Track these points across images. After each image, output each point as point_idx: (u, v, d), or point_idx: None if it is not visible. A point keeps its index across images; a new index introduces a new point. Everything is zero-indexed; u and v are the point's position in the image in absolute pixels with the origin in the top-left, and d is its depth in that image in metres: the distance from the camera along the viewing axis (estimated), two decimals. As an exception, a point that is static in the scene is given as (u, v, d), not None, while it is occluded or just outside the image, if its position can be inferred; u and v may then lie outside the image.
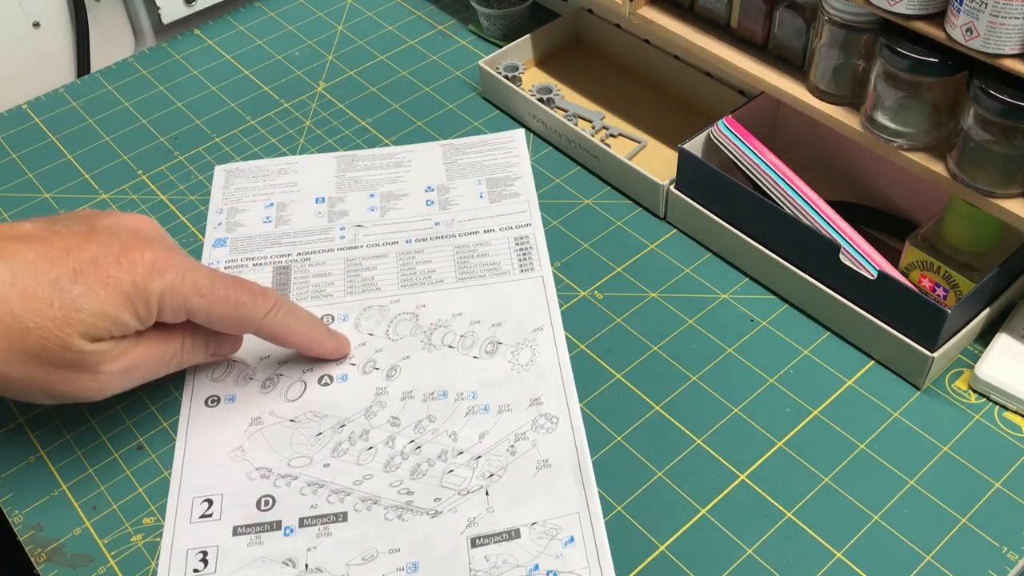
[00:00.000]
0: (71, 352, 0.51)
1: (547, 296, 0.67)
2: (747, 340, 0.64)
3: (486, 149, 0.78)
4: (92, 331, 0.52)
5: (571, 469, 0.57)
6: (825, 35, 0.62)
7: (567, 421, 0.59)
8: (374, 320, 0.66)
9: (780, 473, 0.58)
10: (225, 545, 0.55)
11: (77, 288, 0.51)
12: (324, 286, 0.68)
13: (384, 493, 0.57)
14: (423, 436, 0.59)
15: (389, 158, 0.78)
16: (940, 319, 0.57)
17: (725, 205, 0.67)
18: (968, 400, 0.61)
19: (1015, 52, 0.51)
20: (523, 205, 0.73)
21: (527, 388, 0.61)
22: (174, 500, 0.57)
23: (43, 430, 0.62)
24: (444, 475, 0.57)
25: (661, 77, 0.83)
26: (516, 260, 0.69)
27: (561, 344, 0.64)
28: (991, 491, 0.56)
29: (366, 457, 0.58)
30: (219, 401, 0.62)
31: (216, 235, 0.72)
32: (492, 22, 0.88)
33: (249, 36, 0.92)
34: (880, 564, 0.53)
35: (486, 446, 0.58)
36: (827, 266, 0.62)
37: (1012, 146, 0.55)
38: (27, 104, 0.86)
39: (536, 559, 0.53)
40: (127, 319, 0.53)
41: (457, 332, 0.65)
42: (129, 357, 0.54)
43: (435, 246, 0.70)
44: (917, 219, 0.69)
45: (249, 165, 0.78)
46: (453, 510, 0.55)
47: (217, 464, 0.59)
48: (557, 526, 0.55)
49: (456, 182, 0.75)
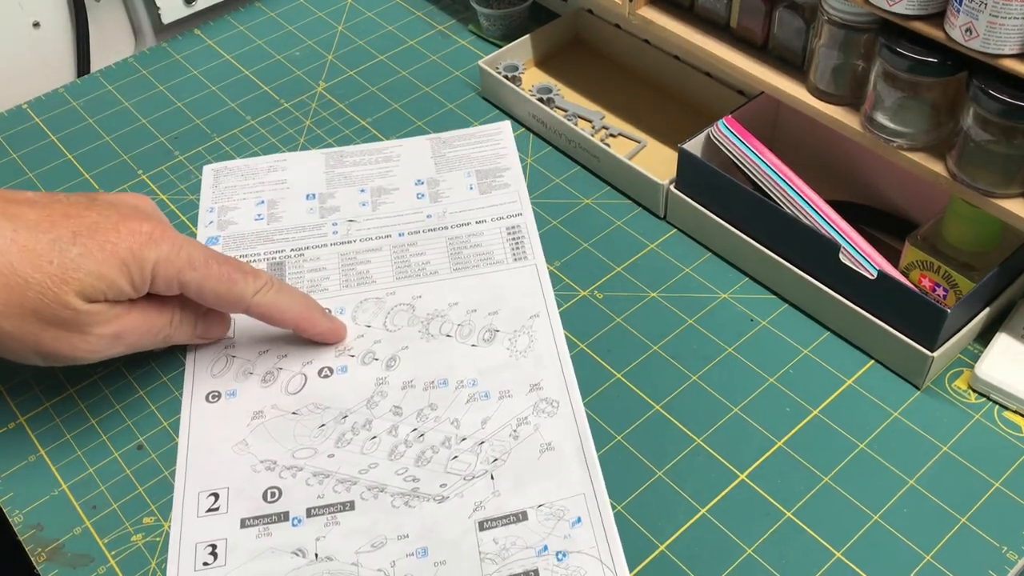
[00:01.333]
0: (66, 310, 0.53)
1: (541, 283, 0.67)
2: (747, 340, 0.64)
3: (473, 141, 0.79)
4: (88, 291, 0.53)
5: (574, 451, 0.58)
6: (825, 35, 0.62)
7: (567, 405, 0.60)
8: (371, 312, 0.66)
9: (780, 473, 0.58)
10: (234, 538, 0.55)
11: (76, 249, 0.53)
12: (319, 280, 0.68)
13: (390, 481, 0.57)
14: (426, 424, 0.60)
15: (377, 153, 0.78)
16: (940, 319, 0.57)
17: (725, 205, 0.67)
18: (968, 400, 0.61)
19: (1014, 52, 0.52)
20: (513, 195, 0.74)
21: (526, 374, 0.62)
22: (180, 495, 0.57)
23: (43, 430, 0.62)
24: (449, 461, 0.58)
25: (661, 77, 0.83)
26: (509, 249, 0.70)
27: (558, 330, 0.64)
28: (991, 491, 0.56)
29: (370, 446, 0.59)
30: (220, 396, 0.62)
31: (208, 233, 0.73)
32: (492, 22, 0.88)
33: (249, 36, 0.92)
34: (880, 564, 0.53)
35: (489, 432, 0.59)
36: (827, 266, 0.62)
37: (1012, 146, 0.55)
38: (27, 104, 0.86)
39: (544, 540, 0.54)
40: (122, 284, 0.54)
41: (454, 321, 0.65)
42: (121, 322, 0.55)
43: (428, 238, 0.71)
44: (917, 219, 0.69)
45: (238, 163, 0.78)
46: (460, 495, 0.56)
47: (221, 458, 0.59)
48: (564, 507, 0.55)
49: (446, 175, 0.76)
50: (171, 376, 0.64)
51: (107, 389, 0.64)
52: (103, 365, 0.65)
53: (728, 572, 0.54)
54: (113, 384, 0.64)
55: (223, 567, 0.54)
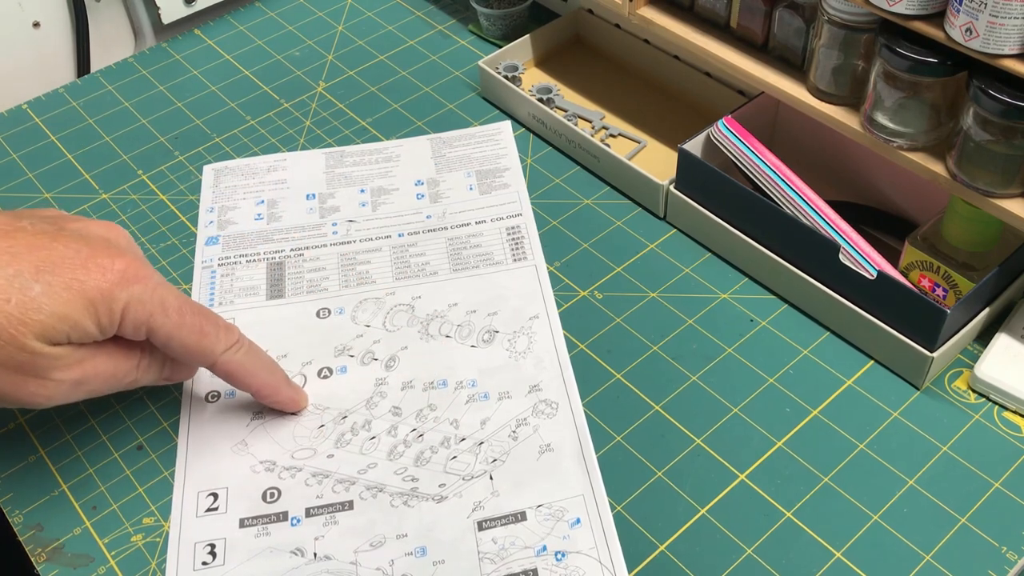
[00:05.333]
0: (23, 353, 0.48)
1: (541, 284, 0.67)
2: (747, 340, 0.64)
3: (474, 142, 0.79)
4: (49, 333, 0.48)
5: (573, 453, 0.58)
6: (825, 35, 0.62)
7: (567, 406, 0.60)
8: (370, 312, 0.66)
9: (780, 473, 0.58)
10: (233, 537, 0.55)
11: (38, 286, 0.48)
12: (319, 280, 0.68)
13: (389, 481, 0.57)
14: (425, 424, 0.60)
15: (378, 153, 0.78)
16: (940, 319, 0.57)
17: (725, 205, 0.67)
18: (968, 400, 0.61)
19: (1014, 52, 0.51)
20: (513, 196, 0.74)
21: (526, 375, 0.62)
22: (179, 495, 0.57)
23: (43, 430, 0.62)
24: (448, 461, 0.58)
25: (661, 77, 0.83)
26: (509, 250, 0.70)
27: (557, 331, 0.64)
28: (990, 491, 0.56)
29: (369, 447, 0.59)
30: (219, 396, 0.62)
31: (208, 233, 0.73)
32: (492, 22, 0.88)
33: (249, 36, 0.92)
34: (880, 564, 0.53)
35: (488, 432, 0.59)
36: (827, 266, 0.62)
37: (1012, 146, 0.55)
38: (27, 104, 0.86)
39: (543, 540, 0.54)
40: (87, 325, 0.50)
41: (453, 322, 0.65)
42: (84, 367, 0.51)
43: (428, 239, 0.71)
44: (917, 219, 0.69)
45: (238, 163, 0.78)
46: (458, 495, 0.56)
47: (220, 459, 0.59)
48: (563, 508, 0.55)
49: (446, 175, 0.76)
50: (171, 376, 0.64)
51: (107, 389, 0.64)
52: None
53: (728, 572, 0.54)
54: (113, 384, 0.64)
55: (222, 566, 0.54)
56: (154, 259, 0.72)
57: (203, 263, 0.70)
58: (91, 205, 0.77)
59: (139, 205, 0.76)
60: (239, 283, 0.68)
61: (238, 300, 0.67)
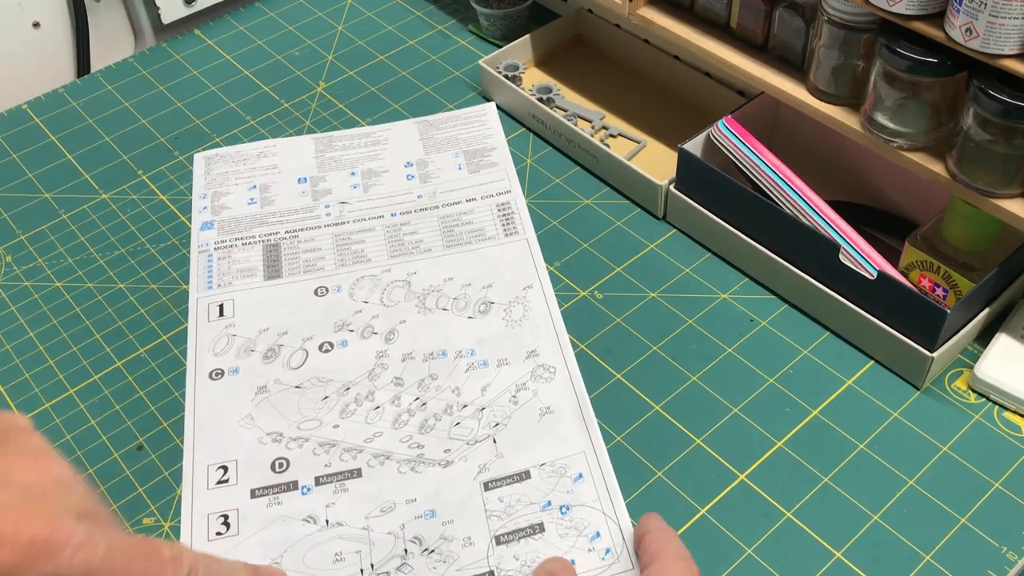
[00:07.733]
0: None
1: (533, 256, 0.69)
2: (747, 340, 0.64)
3: (460, 123, 0.79)
4: None
5: (573, 413, 0.59)
6: (825, 35, 0.62)
7: (564, 369, 0.61)
8: (368, 289, 0.67)
9: (780, 473, 0.58)
10: (245, 507, 0.56)
11: None
12: (315, 260, 0.69)
13: (395, 448, 0.58)
14: (427, 393, 0.61)
15: (366, 137, 0.79)
16: (940, 319, 0.57)
17: (725, 205, 0.67)
18: (968, 400, 0.61)
19: (1014, 52, 0.52)
20: (501, 173, 0.75)
21: (523, 342, 0.63)
22: (189, 469, 0.58)
23: (43, 430, 0.62)
24: (451, 428, 0.59)
25: (661, 77, 0.83)
26: (500, 225, 0.71)
27: (551, 299, 0.66)
28: (990, 491, 0.56)
29: (374, 416, 0.60)
30: (223, 374, 0.63)
31: (202, 219, 0.73)
32: (492, 22, 0.88)
33: (249, 36, 0.92)
34: (880, 564, 0.53)
35: (489, 398, 0.60)
36: (827, 266, 0.62)
37: (1011, 146, 0.55)
38: (27, 104, 0.86)
39: (548, 496, 0.55)
40: None
41: (450, 295, 0.66)
42: None
43: (420, 218, 0.72)
44: (917, 219, 0.69)
45: (228, 150, 0.79)
46: (464, 459, 0.57)
47: (228, 432, 0.60)
48: (565, 465, 0.57)
49: (434, 156, 0.77)
50: (171, 377, 0.64)
51: (107, 390, 0.64)
52: (104, 365, 0.65)
53: (728, 572, 0.54)
54: (113, 385, 0.64)
55: (236, 536, 0.55)
56: (154, 259, 0.72)
57: (199, 247, 0.71)
58: (91, 205, 0.77)
59: (139, 205, 0.76)
60: (236, 265, 0.69)
61: (236, 282, 0.68)
